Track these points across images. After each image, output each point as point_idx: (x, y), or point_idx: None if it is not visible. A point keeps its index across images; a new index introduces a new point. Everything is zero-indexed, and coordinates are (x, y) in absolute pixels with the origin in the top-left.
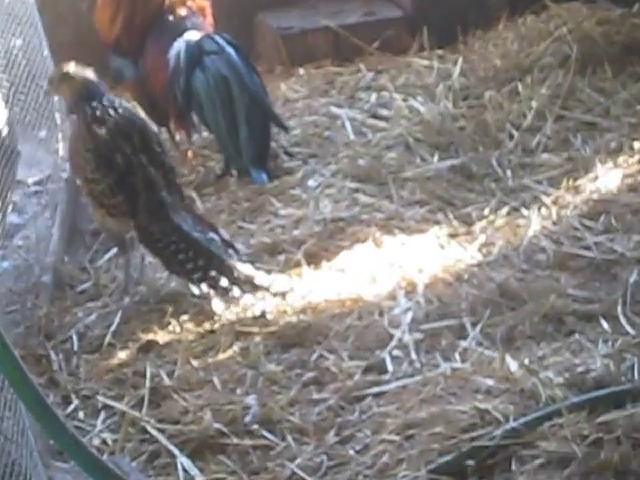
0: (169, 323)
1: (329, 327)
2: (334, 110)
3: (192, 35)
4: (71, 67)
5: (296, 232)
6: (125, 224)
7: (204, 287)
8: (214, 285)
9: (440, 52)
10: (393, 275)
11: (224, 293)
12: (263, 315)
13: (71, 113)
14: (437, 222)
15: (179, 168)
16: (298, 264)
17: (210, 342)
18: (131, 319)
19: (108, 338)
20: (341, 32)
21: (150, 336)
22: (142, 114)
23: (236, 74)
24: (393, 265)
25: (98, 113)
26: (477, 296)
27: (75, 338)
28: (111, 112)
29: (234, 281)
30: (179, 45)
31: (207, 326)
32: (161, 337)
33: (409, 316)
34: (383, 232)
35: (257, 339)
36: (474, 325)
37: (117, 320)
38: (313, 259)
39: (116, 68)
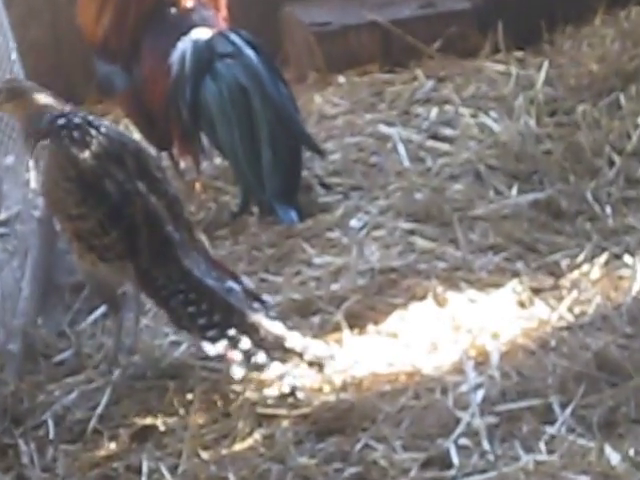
0: (172, 404)
1: (377, 409)
2: (383, 129)
3: (200, 33)
4: (21, 82)
5: (335, 286)
6: (121, 271)
7: (221, 347)
8: (233, 348)
9: (519, 54)
10: (459, 341)
11: (245, 358)
12: (293, 393)
13: (27, 140)
14: (516, 273)
15: (185, 204)
16: (337, 327)
17: (225, 428)
18: (123, 398)
19: (93, 423)
20: (392, 29)
21: (147, 420)
22: (135, 135)
23: (257, 82)
24: (459, 329)
25: (76, 134)
26: (567, 369)
27: (51, 423)
28: (92, 132)
29: (259, 344)
30: (184, 46)
31: (220, 408)
32: (161, 422)
33: (480, 394)
34: (446, 286)
35: (285, 424)
36: (564, 406)
37: (105, 400)
38: (357, 321)
39: (103, 76)
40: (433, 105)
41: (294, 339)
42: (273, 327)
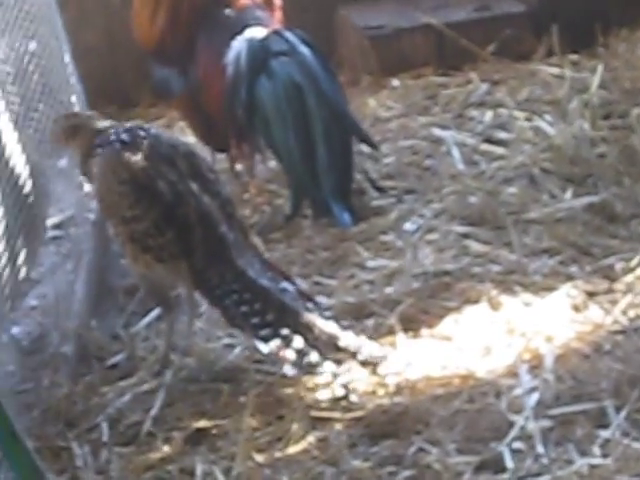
0: (225, 406)
1: (431, 412)
2: (437, 132)
3: (255, 32)
4: (78, 116)
5: (389, 290)
6: (176, 271)
7: (274, 345)
8: (287, 347)
9: (574, 57)
10: (513, 345)
11: (299, 357)
12: (346, 396)
13: (82, 164)
14: (570, 277)
15: (239, 206)
16: (391, 331)
17: (278, 431)
18: (177, 401)
19: (147, 426)
20: (447, 32)
21: (201, 423)
22: (190, 139)
23: (312, 80)
24: (513, 332)
25: (126, 137)
26: (622, 372)
27: (105, 426)
28: (141, 134)
29: (312, 343)
30: (239, 45)
31: (274, 410)
32: (215, 425)
33: (534, 398)
34: (500, 289)
35: (338, 427)
36: (618, 410)
37: (159, 402)
38: (410, 324)
39: (159, 80)
40: (487, 108)
41: (348, 338)
42: (326, 327)
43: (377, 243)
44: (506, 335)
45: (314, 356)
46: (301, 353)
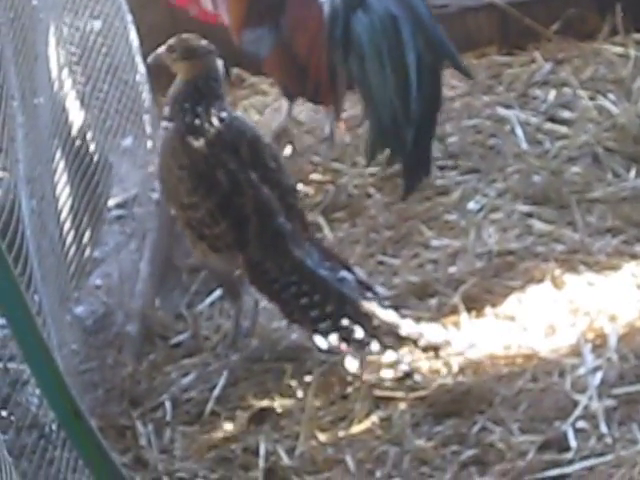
0: (289, 386)
1: (494, 391)
2: (501, 111)
3: None
4: (203, 43)
5: (452, 269)
6: (232, 261)
7: (333, 340)
8: (347, 337)
9: (638, 37)
10: (577, 324)
11: (359, 347)
12: (409, 376)
13: (172, 108)
14: (634, 256)
15: (302, 186)
16: (455, 310)
17: (342, 411)
18: (240, 381)
19: (211, 405)
20: (510, 11)
21: (264, 403)
22: (254, 118)
23: (409, 10)
24: (577, 311)
25: (197, 121)
26: None
27: (168, 405)
28: (214, 121)
29: (372, 332)
30: None
31: (338, 390)
32: (279, 404)
33: (598, 377)
34: (564, 269)
35: (402, 407)
36: None
37: (222, 382)
38: (474, 304)
39: (250, 45)
40: (551, 87)
41: (408, 326)
42: (386, 315)
43: (441, 222)
44: (570, 314)
45: (375, 346)
46: (362, 344)
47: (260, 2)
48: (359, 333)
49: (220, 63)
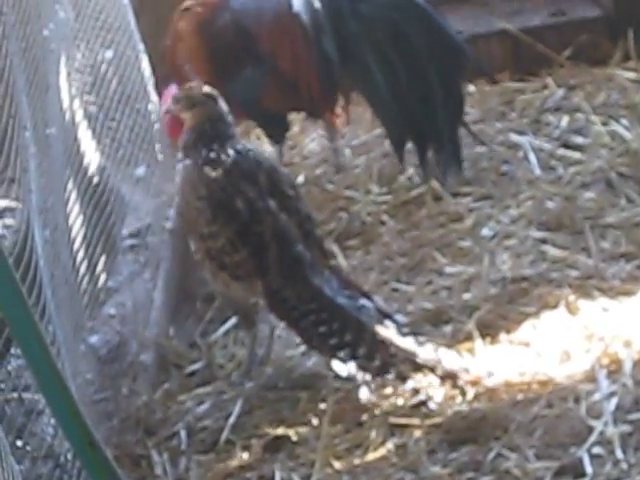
0: (304, 414)
1: (510, 418)
2: (514, 138)
3: None
4: (204, 91)
5: (467, 295)
6: (253, 289)
7: (352, 368)
8: (365, 366)
9: None
10: (592, 350)
11: (377, 375)
12: (425, 403)
13: (185, 151)
14: None
15: (316, 214)
16: (469, 336)
17: (357, 438)
18: (255, 409)
19: (226, 433)
20: (523, 37)
21: (280, 431)
22: (268, 149)
23: (408, 7)
24: (592, 337)
25: (212, 155)
26: None
27: (183, 434)
28: (230, 152)
29: (390, 361)
30: None
31: (353, 417)
32: (294, 432)
33: (613, 403)
34: (579, 294)
35: (417, 434)
36: None
37: (237, 410)
38: (489, 330)
39: (237, 92)
40: (564, 113)
41: (426, 354)
42: (404, 343)
43: (455, 249)
44: (584, 340)
45: (393, 373)
46: (379, 371)
47: (227, 52)
48: (377, 362)
49: (224, 107)
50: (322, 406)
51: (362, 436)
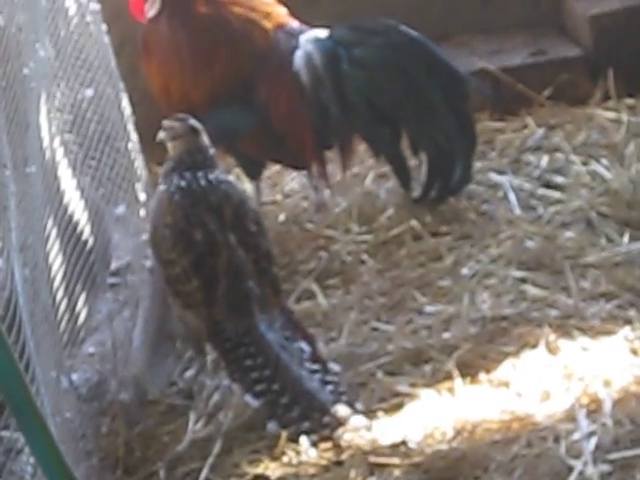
0: (283, 453)
1: (489, 457)
2: (494, 177)
3: (315, 33)
4: (187, 124)
5: (446, 335)
6: (201, 317)
7: (262, 403)
8: (274, 402)
9: (630, 102)
10: (571, 389)
11: (292, 423)
12: (404, 442)
13: (162, 179)
14: (628, 321)
15: (296, 252)
16: (449, 376)
17: (337, 477)
18: (234, 448)
19: (205, 473)
20: (502, 77)
21: (259, 470)
22: (246, 185)
23: (409, 53)
24: (571, 377)
25: (183, 183)
26: None
27: (163, 473)
28: (202, 183)
29: (295, 401)
30: (305, 49)
31: (332, 456)
32: (273, 471)
33: (593, 442)
34: (558, 334)
35: (397, 473)
36: None
37: (216, 449)
38: (468, 369)
39: (221, 126)
40: (544, 153)
41: (339, 410)
42: (318, 394)
43: (434, 288)
44: (564, 380)
45: (306, 424)
46: (295, 419)
47: (225, 87)
48: (285, 399)
49: (205, 139)
50: (301, 445)
51: (342, 475)
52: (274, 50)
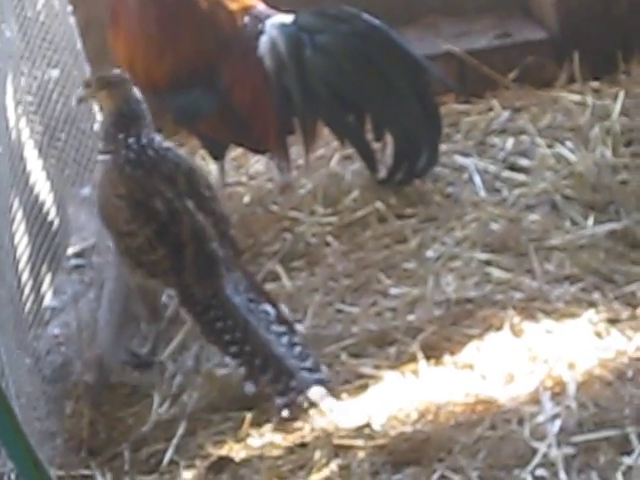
0: (248, 434)
1: (453, 439)
2: (459, 160)
3: (280, 18)
4: (116, 72)
5: (411, 317)
6: (167, 285)
7: (238, 362)
8: (249, 363)
9: (596, 85)
10: (536, 372)
11: (259, 373)
12: (369, 424)
13: (105, 143)
14: (592, 304)
15: (260, 234)
16: (413, 358)
17: (301, 459)
18: (199, 429)
19: (170, 454)
20: (468, 59)
21: (223, 451)
22: (211, 164)
23: (371, 39)
24: (535, 359)
25: (132, 155)
26: None
27: (127, 454)
28: (150, 152)
29: (269, 362)
30: (270, 34)
31: (297, 438)
32: (237, 452)
33: (557, 425)
34: (523, 317)
35: (361, 455)
36: None
37: (181, 430)
38: (433, 352)
39: (182, 107)
40: (509, 135)
41: (299, 377)
42: (283, 358)
43: (399, 270)
44: (528, 362)
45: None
46: (261, 371)
47: (189, 67)
48: (258, 360)
49: (137, 91)
50: (266, 427)
51: (306, 457)
52: (240, 34)
